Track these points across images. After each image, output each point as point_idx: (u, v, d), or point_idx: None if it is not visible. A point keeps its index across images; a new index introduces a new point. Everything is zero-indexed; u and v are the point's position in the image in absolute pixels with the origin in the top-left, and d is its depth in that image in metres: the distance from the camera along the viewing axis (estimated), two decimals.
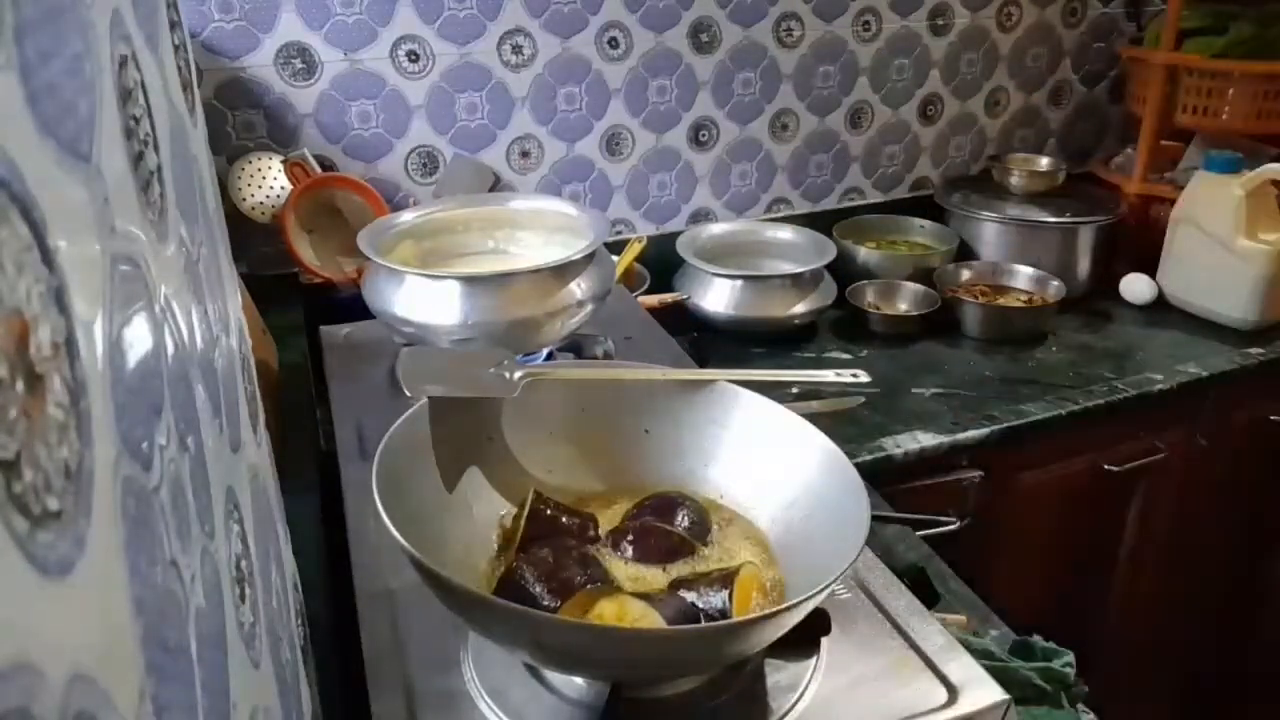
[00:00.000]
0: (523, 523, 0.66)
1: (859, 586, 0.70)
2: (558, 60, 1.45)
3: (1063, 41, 1.81)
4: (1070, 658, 0.80)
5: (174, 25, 0.42)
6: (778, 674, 0.62)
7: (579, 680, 0.60)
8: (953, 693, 0.60)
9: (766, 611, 0.53)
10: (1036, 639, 0.82)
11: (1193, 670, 1.72)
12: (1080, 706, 0.79)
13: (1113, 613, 1.56)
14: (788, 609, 0.51)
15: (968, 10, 1.70)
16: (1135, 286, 1.61)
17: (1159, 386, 1.36)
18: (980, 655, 0.71)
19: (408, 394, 0.67)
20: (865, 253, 1.61)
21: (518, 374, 0.70)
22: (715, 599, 0.60)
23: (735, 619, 0.57)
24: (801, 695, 0.60)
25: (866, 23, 1.63)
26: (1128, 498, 1.47)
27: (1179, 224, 1.55)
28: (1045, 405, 1.31)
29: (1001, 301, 1.55)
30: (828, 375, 0.76)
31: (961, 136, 1.81)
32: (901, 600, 0.68)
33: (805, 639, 0.62)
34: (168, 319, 0.31)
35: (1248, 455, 1.52)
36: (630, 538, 0.66)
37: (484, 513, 0.69)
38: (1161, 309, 1.59)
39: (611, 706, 0.56)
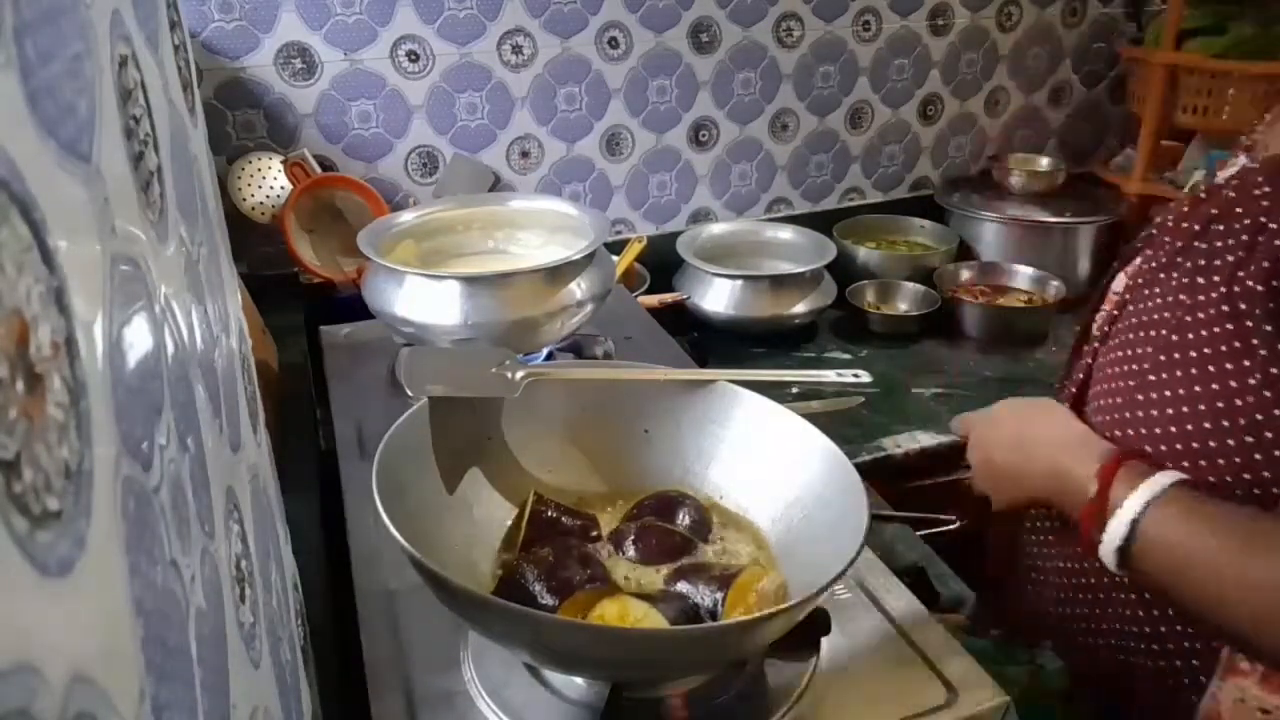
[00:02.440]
0: (523, 525, 0.66)
1: (859, 586, 0.70)
2: (558, 60, 1.45)
3: (1063, 41, 1.81)
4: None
5: (174, 25, 0.42)
6: (778, 674, 0.62)
7: (579, 680, 0.60)
8: (953, 693, 0.60)
9: (766, 611, 0.52)
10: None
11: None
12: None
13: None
14: (787, 609, 0.51)
15: (968, 10, 1.70)
16: None
17: None
18: (980, 655, 0.71)
19: (409, 394, 0.67)
20: (865, 253, 1.61)
21: (519, 374, 0.70)
22: (708, 597, 0.60)
23: (736, 619, 0.57)
24: (801, 695, 0.60)
25: (866, 23, 1.63)
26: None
27: None
28: None
29: (1001, 301, 1.55)
30: (828, 375, 0.75)
31: (961, 136, 1.81)
32: (901, 600, 0.68)
33: (805, 639, 0.62)
34: (168, 319, 0.30)
35: None
36: (632, 537, 0.66)
37: (484, 513, 0.69)
38: None
39: (611, 706, 0.56)
